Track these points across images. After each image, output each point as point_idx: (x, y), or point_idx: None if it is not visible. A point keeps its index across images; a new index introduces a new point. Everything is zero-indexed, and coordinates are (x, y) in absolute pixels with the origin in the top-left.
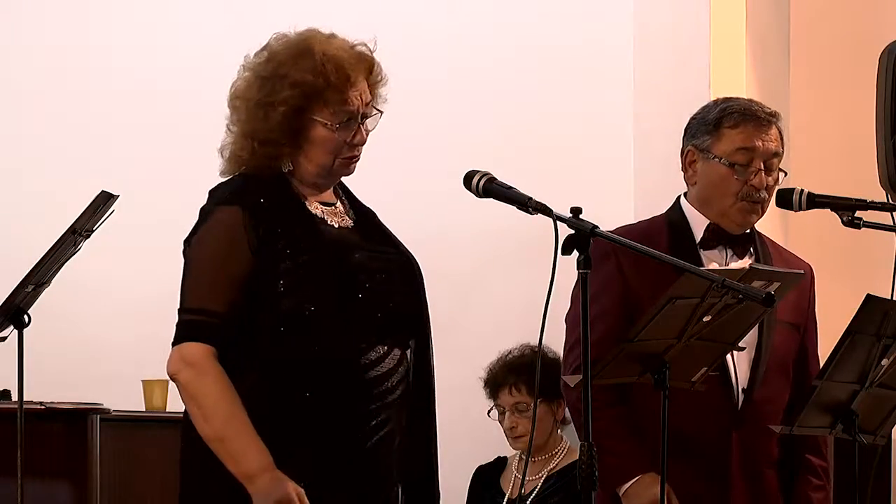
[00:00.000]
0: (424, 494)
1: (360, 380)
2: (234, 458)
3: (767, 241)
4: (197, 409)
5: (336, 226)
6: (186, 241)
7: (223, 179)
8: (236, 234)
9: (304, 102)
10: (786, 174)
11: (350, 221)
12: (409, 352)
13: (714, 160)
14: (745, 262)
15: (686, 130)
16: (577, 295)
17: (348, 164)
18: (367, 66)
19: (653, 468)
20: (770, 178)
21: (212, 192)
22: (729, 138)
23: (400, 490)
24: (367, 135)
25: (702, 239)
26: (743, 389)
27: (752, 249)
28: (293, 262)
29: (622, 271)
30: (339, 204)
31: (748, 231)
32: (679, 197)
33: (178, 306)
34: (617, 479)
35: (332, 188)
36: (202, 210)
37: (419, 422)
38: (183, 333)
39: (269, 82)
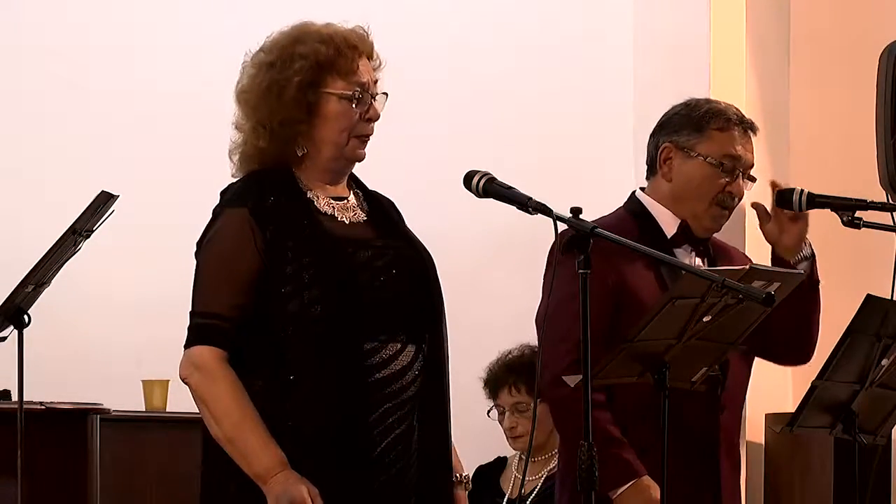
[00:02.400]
0: (441, 490)
1: (365, 383)
2: (246, 459)
3: (714, 241)
4: (208, 411)
5: (347, 221)
6: (197, 244)
7: (232, 180)
8: (243, 237)
9: (316, 75)
10: (754, 181)
11: (363, 215)
12: (424, 346)
13: (698, 159)
14: (702, 263)
15: (662, 126)
16: (551, 290)
17: (361, 145)
18: (369, 46)
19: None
20: (745, 188)
21: (222, 194)
22: (717, 140)
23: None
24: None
25: (673, 236)
26: (722, 374)
27: (702, 248)
28: (298, 264)
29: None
30: (351, 197)
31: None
32: (634, 192)
33: (189, 309)
34: (610, 483)
35: (344, 181)
36: (212, 212)
37: (434, 418)
38: (193, 337)
39: (275, 65)
